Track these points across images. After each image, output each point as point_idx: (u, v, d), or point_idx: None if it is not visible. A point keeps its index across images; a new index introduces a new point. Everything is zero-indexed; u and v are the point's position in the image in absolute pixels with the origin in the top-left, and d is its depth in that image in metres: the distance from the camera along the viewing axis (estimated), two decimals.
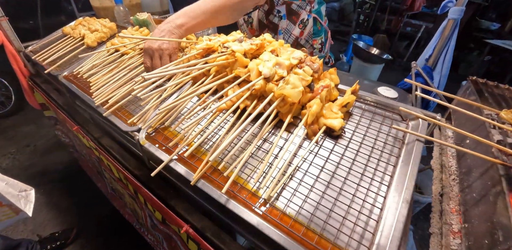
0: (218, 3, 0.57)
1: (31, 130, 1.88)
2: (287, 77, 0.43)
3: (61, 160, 1.63)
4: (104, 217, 1.30)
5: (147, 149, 0.46)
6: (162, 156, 0.44)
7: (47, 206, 1.38)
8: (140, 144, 0.47)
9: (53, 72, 0.81)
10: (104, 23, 0.95)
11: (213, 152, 0.40)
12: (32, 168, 1.59)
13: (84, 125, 0.74)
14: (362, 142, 0.44)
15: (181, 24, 0.55)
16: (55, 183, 1.50)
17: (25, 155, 1.67)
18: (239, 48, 0.47)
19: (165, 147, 0.46)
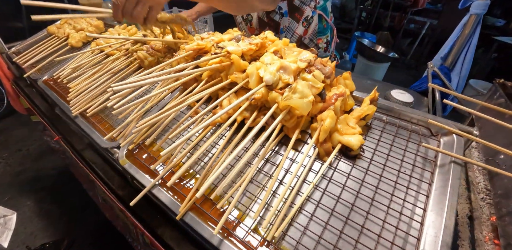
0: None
1: (23, 134, 1.81)
2: (294, 84, 0.36)
3: (54, 165, 1.57)
4: (96, 227, 1.24)
5: (127, 171, 0.39)
6: (144, 179, 0.37)
7: (38, 215, 1.32)
8: (120, 165, 0.39)
9: (33, 76, 0.74)
10: (90, 21, 0.87)
11: (203, 179, 0.33)
12: (24, 174, 1.53)
13: (67, 135, 0.67)
14: (385, 164, 0.36)
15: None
16: (47, 189, 1.44)
17: (17, 159, 1.61)
18: (235, 49, 0.39)
19: (148, 168, 0.38)
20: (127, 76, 0.57)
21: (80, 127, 0.50)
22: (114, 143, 0.43)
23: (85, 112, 0.51)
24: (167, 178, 0.36)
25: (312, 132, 0.38)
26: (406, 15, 2.61)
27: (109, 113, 0.52)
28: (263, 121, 0.33)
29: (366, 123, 0.39)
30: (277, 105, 0.35)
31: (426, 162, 0.36)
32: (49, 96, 0.64)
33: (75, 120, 0.52)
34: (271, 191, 0.32)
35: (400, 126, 0.40)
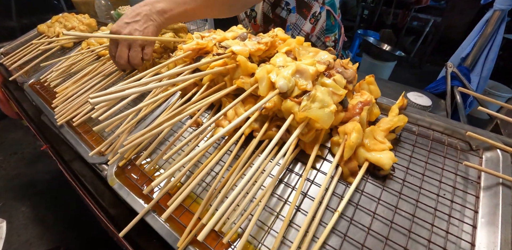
0: None
1: (18, 137, 1.76)
2: (312, 91, 0.30)
3: (49, 170, 1.52)
4: (93, 236, 1.19)
5: (116, 192, 0.33)
6: (136, 203, 0.31)
7: (33, 222, 1.27)
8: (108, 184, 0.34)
9: (20, 79, 0.69)
10: (82, 20, 0.81)
11: (206, 204, 0.27)
12: (19, 178, 1.48)
13: (55, 144, 0.61)
14: (421, 187, 0.30)
15: (163, 9, 0.41)
16: (42, 195, 1.39)
17: (12, 163, 1.56)
18: (242, 49, 0.33)
19: (140, 189, 0.33)
20: (119, 80, 0.52)
21: (66, 138, 0.44)
22: (103, 158, 0.37)
23: (71, 121, 0.46)
24: (163, 201, 0.31)
25: (332, 146, 0.33)
26: (409, 13, 2.54)
27: (98, 122, 0.46)
28: (278, 136, 0.27)
29: (395, 136, 0.34)
30: (293, 116, 0.29)
31: (468, 183, 0.31)
32: (35, 101, 0.58)
33: (61, 130, 0.46)
34: (289, 220, 0.27)
35: (434, 138, 0.35)
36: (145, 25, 0.41)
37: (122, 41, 0.40)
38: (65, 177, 1.43)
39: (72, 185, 0.60)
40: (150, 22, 0.41)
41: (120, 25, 0.41)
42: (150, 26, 0.41)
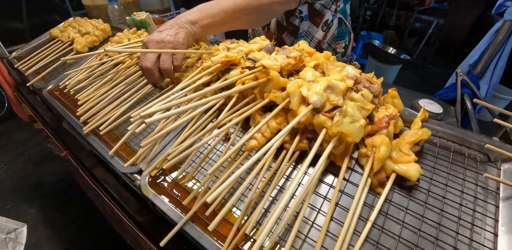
0: (242, 1, 0.45)
1: (24, 138, 1.76)
2: (344, 106, 0.31)
3: (56, 171, 1.53)
4: (103, 237, 1.20)
5: (151, 201, 0.34)
6: (172, 213, 0.33)
7: (42, 223, 1.28)
8: (142, 193, 0.35)
9: (36, 84, 0.69)
10: (96, 24, 0.82)
11: (244, 214, 0.29)
12: (26, 180, 1.48)
13: (75, 150, 0.62)
14: (445, 196, 0.32)
15: (193, 20, 0.43)
16: (51, 196, 1.39)
17: (19, 165, 1.56)
18: (273, 64, 0.34)
19: (176, 199, 0.34)
20: (141, 88, 0.52)
21: (94, 147, 0.45)
22: (135, 167, 0.39)
23: (98, 129, 0.47)
24: (200, 211, 0.32)
25: (359, 158, 0.34)
26: (412, 14, 2.55)
27: (124, 130, 0.47)
28: (314, 150, 0.29)
29: (419, 148, 0.35)
30: (326, 130, 0.31)
31: (488, 193, 0.33)
32: (55, 108, 0.59)
33: (87, 138, 0.47)
34: (325, 230, 0.28)
35: (454, 150, 0.36)
36: (177, 31, 0.42)
37: (152, 46, 0.41)
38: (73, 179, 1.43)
39: (88, 185, 0.61)
40: (181, 29, 0.43)
41: (153, 34, 0.43)
42: (181, 32, 0.43)
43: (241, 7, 0.46)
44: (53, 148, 1.24)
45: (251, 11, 0.47)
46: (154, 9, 1.07)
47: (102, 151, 0.44)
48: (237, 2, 0.45)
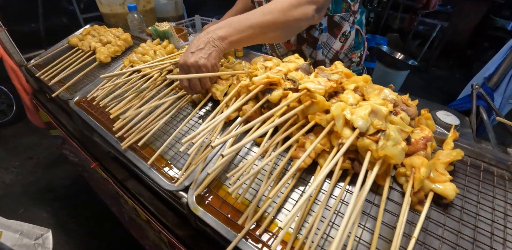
0: (270, 17, 0.47)
1: (33, 141, 1.76)
2: (387, 130, 0.33)
3: (67, 175, 1.53)
4: (118, 243, 1.20)
5: (202, 219, 0.36)
6: (224, 231, 0.35)
7: (55, 228, 1.28)
8: (191, 211, 0.37)
9: (62, 95, 0.70)
10: (117, 34, 0.82)
11: (296, 233, 0.31)
12: (37, 184, 1.48)
13: (103, 161, 0.63)
14: (477, 213, 0.34)
15: (223, 35, 0.45)
16: (62, 201, 1.40)
17: (29, 168, 1.57)
18: (318, 88, 0.36)
19: (226, 217, 0.36)
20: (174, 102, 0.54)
21: (133, 163, 0.47)
22: (180, 185, 0.40)
23: (135, 144, 0.48)
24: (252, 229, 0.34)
25: (398, 176, 0.37)
26: (416, 17, 2.58)
27: (161, 145, 0.49)
28: (363, 173, 0.31)
29: (452, 168, 0.38)
30: (371, 153, 0.33)
31: None
32: (84, 120, 0.60)
33: (125, 154, 0.48)
34: (375, 248, 0.31)
35: (484, 169, 0.39)
36: (209, 51, 0.45)
37: (191, 71, 0.44)
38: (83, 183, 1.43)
39: (104, 189, 0.61)
40: (212, 48, 0.45)
41: (186, 55, 0.45)
42: (213, 52, 0.45)
43: (269, 23, 0.47)
44: (69, 154, 1.25)
45: (278, 27, 0.49)
46: (169, 16, 1.08)
47: (144, 167, 0.46)
48: (265, 18, 0.47)
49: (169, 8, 1.07)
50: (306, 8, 0.48)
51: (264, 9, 0.47)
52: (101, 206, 1.26)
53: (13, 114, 1.81)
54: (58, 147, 1.25)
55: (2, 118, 1.79)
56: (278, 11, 0.46)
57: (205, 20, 1.13)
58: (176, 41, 0.80)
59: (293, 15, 0.47)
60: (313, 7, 0.49)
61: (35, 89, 0.96)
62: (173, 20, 1.10)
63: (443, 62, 2.69)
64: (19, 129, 1.84)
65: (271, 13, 0.46)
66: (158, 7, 1.04)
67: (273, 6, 0.47)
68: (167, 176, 0.42)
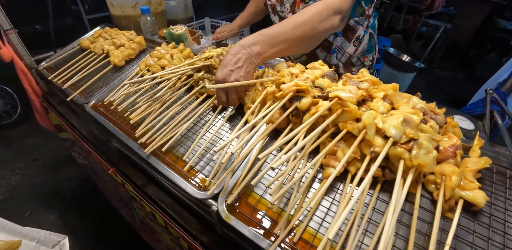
0: (300, 30, 0.47)
1: (38, 142, 1.74)
2: (419, 139, 0.34)
3: (73, 176, 1.52)
4: (125, 245, 1.20)
5: (234, 227, 0.36)
6: (258, 239, 0.35)
7: (62, 231, 1.26)
8: (221, 219, 0.37)
9: (76, 99, 0.70)
10: (130, 36, 0.82)
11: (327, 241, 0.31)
12: (43, 186, 1.48)
13: (120, 165, 0.63)
14: (506, 220, 0.35)
15: (259, 52, 0.46)
16: (69, 203, 1.39)
17: (34, 170, 1.56)
18: (350, 96, 0.36)
19: (259, 225, 0.36)
20: (196, 108, 0.54)
21: (158, 170, 0.47)
22: (209, 192, 0.40)
23: (158, 150, 0.48)
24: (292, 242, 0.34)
25: (427, 184, 0.37)
26: (419, 19, 2.59)
27: (182, 149, 0.49)
28: (398, 181, 0.31)
29: (480, 175, 0.38)
30: (404, 162, 0.33)
31: None
32: (102, 124, 0.59)
33: (148, 160, 0.48)
34: None
35: (509, 176, 0.39)
36: (247, 69, 0.46)
37: (231, 88, 0.46)
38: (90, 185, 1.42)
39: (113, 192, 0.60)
40: (250, 66, 0.46)
41: (226, 73, 0.45)
42: (251, 70, 0.47)
43: (300, 36, 0.48)
44: (77, 157, 1.24)
45: (308, 39, 0.50)
46: (179, 18, 1.08)
47: (170, 175, 0.45)
48: (296, 31, 0.47)
49: (179, 10, 1.06)
50: (333, 19, 0.49)
51: (295, 22, 0.48)
52: (109, 208, 1.25)
53: (18, 115, 1.79)
54: (67, 149, 1.25)
55: (7, 119, 1.77)
56: (308, 23, 0.47)
57: (214, 22, 1.12)
58: (190, 44, 0.79)
59: (323, 26, 0.48)
60: (339, 17, 0.50)
61: (45, 92, 0.95)
62: (183, 22, 1.09)
63: (446, 63, 2.70)
64: (24, 130, 1.82)
65: (301, 26, 0.47)
66: (168, 9, 1.03)
67: (302, 19, 0.48)
68: (193, 184, 0.42)
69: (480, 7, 2.48)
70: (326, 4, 0.48)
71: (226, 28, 0.90)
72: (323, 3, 0.49)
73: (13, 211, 1.33)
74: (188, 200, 0.47)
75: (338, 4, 0.49)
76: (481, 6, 2.47)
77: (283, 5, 0.74)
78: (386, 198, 0.37)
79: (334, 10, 0.48)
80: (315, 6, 0.49)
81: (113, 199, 1.15)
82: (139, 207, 0.76)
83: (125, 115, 0.59)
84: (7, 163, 1.59)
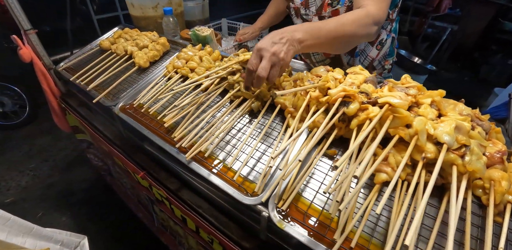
0: (341, 30, 0.49)
1: (47, 143, 1.73)
2: (471, 145, 0.35)
3: (85, 178, 1.51)
4: (143, 248, 1.19)
5: (285, 233, 0.37)
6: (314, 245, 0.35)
7: (75, 232, 1.27)
8: (271, 225, 0.37)
9: (103, 101, 0.69)
10: (153, 38, 0.81)
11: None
12: (55, 187, 1.46)
13: (150, 169, 0.63)
14: None
15: (300, 39, 0.47)
16: (82, 204, 1.39)
17: (45, 171, 1.54)
18: (401, 103, 0.37)
19: (311, 230, 0.36)
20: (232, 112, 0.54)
21: (199, 175, 0.46)
22: (258, 198, 0.40)
23: (199, 155, 0.48)
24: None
25: (474, 189, 0.38)
26: (426, 20, 2.60)
27: (222, 154, 0.49)
28: (454, 191, 0.32)
29: None
30: (456, 168, 0.34)
31: None
32: (134, 128, 0.59)
33: (189, 165, 0.48)
34: None
35: None
36: (289, 48, 0.45)
37: (269, 57, 0.43)
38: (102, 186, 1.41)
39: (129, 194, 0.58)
40: (291, 47, 0.46)
41: (267, 43, 0.44)
42: (291, 50, 0.46)
43: (338, 35, 0.49)
44: (93, 158, 1.23)
45: (344, 40, 0.51)
46: (196, 19, 1.07)
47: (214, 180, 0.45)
48: (337, 30, 0.49)
49: (196, 11, 1.06)
50: (371, 28, 0.51)
51: (336, 22, 0.49)
52: (123, 210, 1.25)
53: (26, 115, 1.77)
54: (84, 150, 1.23)
55: (15, 120, 1.75)
56: (348, 26, 0.49)
57: (232, 23, 1.12)
58: (215, 46, 0.79)
59: (360, 32, 0.50)
60: (376, 28, 0.51)
61: (63, 93, 0.94)
62: (199, 23, 1.09)
63: (452, 65, 2.72)
64: (32, 130, 1.80)
65: (342, 26, 0.49)
66: (185, 10, 1.02)
67: (344, 21, 0.50)
68: (242, 190, 0.42)
69: (486, 9, 2.50)
70: (368, 13, 0.50)
71: (248, 30, 0.90)
72: (366, 11, 0.50)
73: (24, 212, 1.32)
74: (230, 205, 0.48)
75: (378, 14, 0.50)
76: (487, 8, 2.48)
77: (308, 8, 0.74)
78: (433, 203, 0.38)
79: (374, 20, 0.50)
80: (357, 12, 0.51)
81: (129, 201, 1.15)
82: (163, 210, 0.75)
83: (157, 118, 0.58)
84: (17, 164, 1.57)
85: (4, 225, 0.43)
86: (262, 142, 0.49)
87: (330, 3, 0.64)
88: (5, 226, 0.43)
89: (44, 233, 0.60)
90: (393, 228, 0.34)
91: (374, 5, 0.50)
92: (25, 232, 0.48)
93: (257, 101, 0.53)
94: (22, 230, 0.47)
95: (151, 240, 1.12)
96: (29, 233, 0.54)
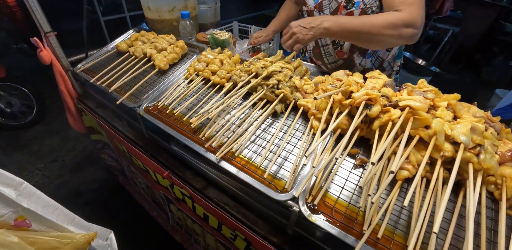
0: (367, 27, 0.54)
1: (56, 143, 1.74)
2: (485, 145, 0.38)
3: (95, 178, 1.53)
4: (155, 244, 1.21)
5: (316, 226, 0.40)
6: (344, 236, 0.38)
7: None
8: (301, 219, 0.40)
9: (126, 102, 0.71)
10: (170, 41, 0.83)
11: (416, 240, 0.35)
12: (65, 187, 1.48)
13: (173, 167, 0.65)
14: None
15: (326, 27, 0.56)
16: (93, 205, 1.40)
17: (54, 171, 1.55)
18: (421, 106, 0.40)
19: (339, 223, 0.40)
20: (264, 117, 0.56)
21: (230, 174, 0.49)
22: (288, 194, 0.43)
23: (228, 155, 0.51)
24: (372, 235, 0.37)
25: (487, 184, 0.41)
26: (428, 22, 2.64)
27: (249, 153, 0.52)
28: (471, 189, 0.35)
29: None
30: (472, 166, 0.38)
31: None
32: (161, 128, 0.61)
33: (220, 164, 0.51)
34: None
35: None
36: (308, 32, 0.58)
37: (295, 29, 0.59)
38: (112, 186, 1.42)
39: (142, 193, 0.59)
40: (310, 32, 0.57)
41: (295, 24, 0.59)
42: (309, 35, 0.58)
43: (364, 31, 0.54)
44: (107, 158, 1.25)
45: (369, 37, 0.55)
46: (208, 22, 1.09)
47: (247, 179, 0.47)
48: (364, 26, 0.54)
49: (208, 15, 1.08)
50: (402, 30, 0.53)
51: (364, 19, 0.55)
52: (134, 210, 1.25)
53: (33, 116, 1.78)
54: (99, 151, 1.25)
55: (22, 120, 1.76)
56: (375, 25, 0.53)
57: (243, 26, 1.14)
58: (231, 49, 0.81)
59: (387, 33, 0.53)
60: (410, 30, 0.53)
61: (80, 94, 0.96)
62: (211, 26, 1.11)
63: (453, 67, 2.76)
64: (40, 131, 1.81)
65: (369, 23, 0.54)
66: (198, 13, 1.05)
67: (371, 19, 0.55)
68: (272, 187, 0.45)
69: (487, 11, 2.54)
70: (397, 15, 0.53)
71: (262, 33, 0.93)
72: (396, 14, 0.53)
73: None
74: (257, 202, 0.50)
75: (408, 17, 0.52)
76: (489, 10, 2.52)
77: (322, 12, 0.77)
78: (451, 197, 0.41)
79: (404, 22, 0.52)
80: (387, 14, 0.55)
81: (143, 201, 1.16)
82: (181, 209, 0.78)
83: (183, 119, 0.61)
84: (26, 164, 1.58)
85: (53, 213, 0.48)
86: (287, 142, 0.52)
87: (345, 5, 0.68)
88: (54, 214, 0.48)
89: (83, 223, 0.63)
90: (417, 220, 0.37)
91: (406, 9, 0.53)
92: (69, 221, 0.52)
93: (280, 103, 0.56)
94: (66, 219, 0.51)
95: (165, 238, 1.14)
96: (71, 222, 0.57)
